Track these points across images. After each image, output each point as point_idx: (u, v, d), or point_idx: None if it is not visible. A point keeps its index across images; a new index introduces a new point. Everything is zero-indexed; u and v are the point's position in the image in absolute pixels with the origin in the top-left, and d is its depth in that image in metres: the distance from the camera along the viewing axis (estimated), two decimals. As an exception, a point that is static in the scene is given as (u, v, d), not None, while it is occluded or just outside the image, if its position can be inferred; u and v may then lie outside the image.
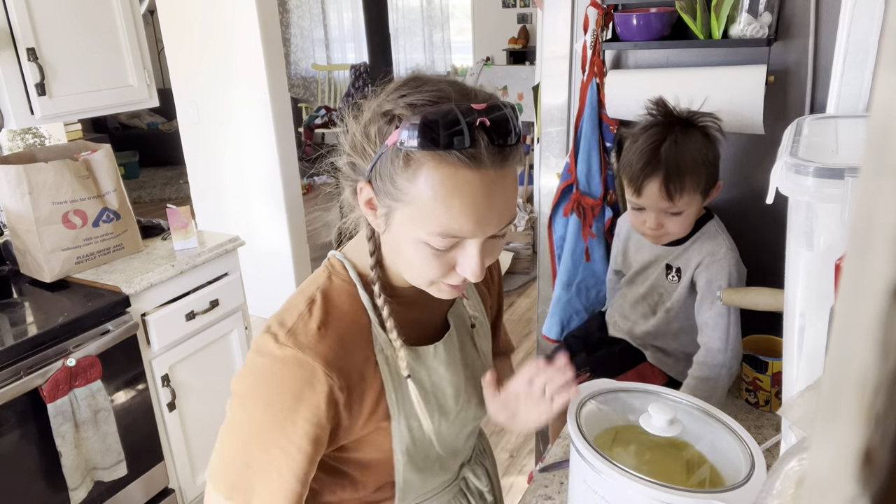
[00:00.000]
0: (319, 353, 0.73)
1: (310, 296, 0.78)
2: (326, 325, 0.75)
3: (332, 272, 0.81)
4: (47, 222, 1.85)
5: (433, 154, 0.65)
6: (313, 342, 0.73)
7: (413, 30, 7.60)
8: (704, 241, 1.25)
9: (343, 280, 0.81)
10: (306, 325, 0.75)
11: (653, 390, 0.90)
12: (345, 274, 0.81)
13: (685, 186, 1.15)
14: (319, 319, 0.75)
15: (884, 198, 0.12)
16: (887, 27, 0.13)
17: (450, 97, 0.68)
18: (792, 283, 0.82)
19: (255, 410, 0.75)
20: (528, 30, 6.81)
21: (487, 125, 0.65)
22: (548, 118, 1.65)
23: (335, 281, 0.80)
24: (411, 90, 0.69)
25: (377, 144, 0.69)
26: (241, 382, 0.76)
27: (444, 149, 0.64)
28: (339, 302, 0.78)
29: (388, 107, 0.69)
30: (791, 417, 0.55)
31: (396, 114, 0.68)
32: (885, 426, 0.12)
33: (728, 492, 0.71)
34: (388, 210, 0.71)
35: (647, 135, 1.18)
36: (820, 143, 0.82)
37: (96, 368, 1.71)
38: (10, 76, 1.84)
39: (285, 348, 0.73)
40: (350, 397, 0.76)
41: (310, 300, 0.77)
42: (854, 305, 0.13)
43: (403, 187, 0.68)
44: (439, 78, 0.72)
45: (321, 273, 0.82)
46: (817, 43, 1.27)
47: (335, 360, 0.74)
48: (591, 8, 1.43)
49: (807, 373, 0.76)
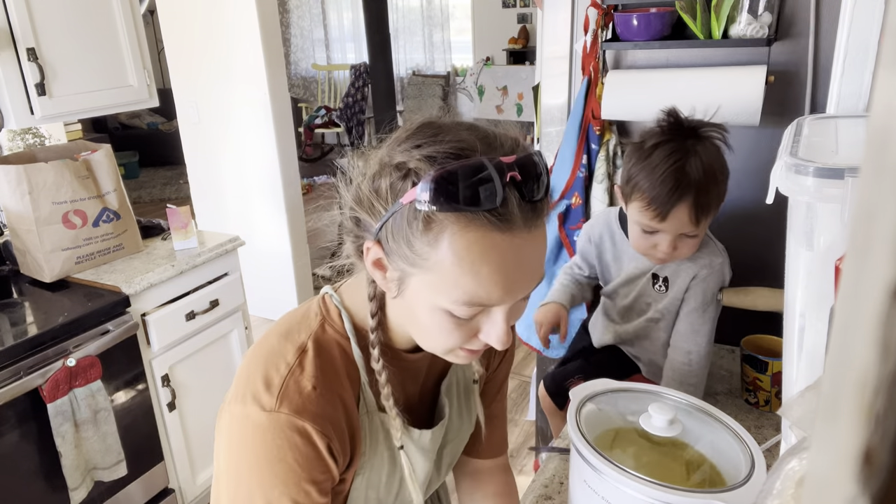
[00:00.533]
0: (316, 416, 0.66)
1: (300, 345, 0.69)
2: (321, 384, 0.67)
3: (327, 319, 0.72)
4: (47, 222, 1.85)
5: (458, 215, 0.57)
6: (308, 405, 0.66)
7: (413, 30, 7.60)
8: (699, 253, 1.19)
9: (337, 331, 0.72)
10: (298, 384, 0.66)
11: (653, 390, 0.90)
12: (340, 325, 0.72)
13: (711, 208, 1.07)
14: (314, 377, 0.67)
15: (884, 198, 0.12)
16: (887, 27, 0.13)
17: (474, 148, 0.59)
18: (792, 283, 0.82)
19: (254, 493, 0.66)
20: (528, 30, 6.81)
21: (518, 180, 0.57)
22: (548, 118, 1.65)
23: (328, 331, 0.71)
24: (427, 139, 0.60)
25: (388, 201, 0.60)
26: (229, 461, 0.68)
27: (470, 209, 0.56)
28: (331, 356, 0.70)
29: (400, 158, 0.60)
30: (791, 417, 0.55)
31: (412, 167, 0.59)
32: (885, 426, 0.12)
33: (728, 492, 0.71)
34: (402, 275, 0.63)
35: (664, 152, 1.06)
36: (820, 143, 0.82)
37: (96, 368, 1.71)
38: (10, 76, 1.84)
39: (278, 415, 0.65)
40: (339, 457, 0.70)
41: (300, 350, 0.68)
42: (854, 305, 0.13)
43: (423, 252, 0.59)
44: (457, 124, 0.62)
45: (313, 317, 0.72)
46: (817, 43, 1.27)
47: (330, 419, 0.67)
48: (592, 8, 1.44)
49: (807, 373, 0.76)
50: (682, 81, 1.35)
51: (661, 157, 1.06)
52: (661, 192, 1.05)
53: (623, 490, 0.72)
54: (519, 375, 3.12)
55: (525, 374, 3.11)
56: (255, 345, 0.72)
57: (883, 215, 0.12)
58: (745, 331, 1.45)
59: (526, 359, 3.25)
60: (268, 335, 0.72)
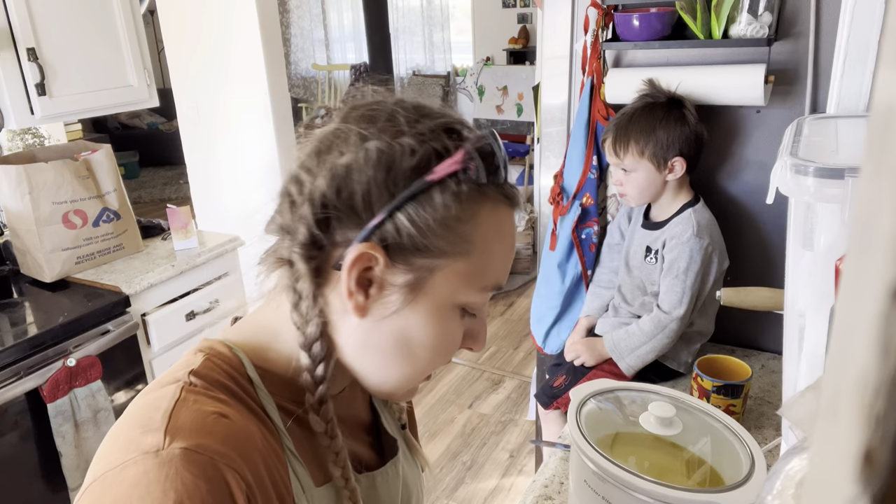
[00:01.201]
0: (231, 454, 0.47)
1: (180, 384, 0.51)
2: (224, 413, 0.50)
3: (213, 358, 0.55)
4: (47, 222, 1.85)
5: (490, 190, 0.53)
6: (218, 433, 0.48)
7: (413, 30, 7.60)
8: (676, 224, 1.35)
9: (234, 368, 0.55)
10: (196, 410, 0.49)
11: (653, 390, 0.90)
12: (237, 362, 0.55)
13: (629, 147, 1.33)
14: (215, 401, 0.50)
15: (884, 198, 0.12)
16: (887, 27, 0.13)
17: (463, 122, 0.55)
18: (792, 283, 0.82)
19: None
20: (528, 30, 6.81)
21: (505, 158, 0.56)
22: (548, 118, 1.65)
23: (221, 366, 0.54)
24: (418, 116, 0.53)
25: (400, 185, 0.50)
26: None
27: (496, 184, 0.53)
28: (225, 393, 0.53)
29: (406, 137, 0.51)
30: (791, 417, 0.55)
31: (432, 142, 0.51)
32: (886, 426, 0.12)
33: (728, 492, 0.71)
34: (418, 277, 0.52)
35: (627, 106, 1.37)
36: (820, 143, 0.82)
37: (96, 368, 1.71)
38: (10, 76, 1.84)
39: (170, 451, 0.45)
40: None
41: (180, 386, 0.51)
42: (854, 305, 0.13)
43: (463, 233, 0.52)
44: (405, 100, 0.55)
45: (188, 363, 0.54)
46: (817, 43, 1.27)
47: (251, 469, 0.48)
48: (592, 8, 1.44)
49: (807, 373, 0.76)
50: (682, 81, 1.36)
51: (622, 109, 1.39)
52: (605, 129, 1.41)
53: (623, 490, 0.72)
54: (519, 375, 3.12)
55: (525, 375, 3.11)
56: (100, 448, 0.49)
57: (883, 215, 0.12)
58: (745, 331, 1.46)
59: (526, 359, 3.25)
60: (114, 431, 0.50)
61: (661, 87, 1.35)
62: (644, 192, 1.37)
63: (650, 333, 1.32)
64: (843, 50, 1.05)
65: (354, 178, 0.51)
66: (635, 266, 1.44)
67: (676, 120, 1.30)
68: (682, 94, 1.34)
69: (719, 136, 1.41)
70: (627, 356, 1.35)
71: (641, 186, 1.35)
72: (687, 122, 1.31)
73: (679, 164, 1.32)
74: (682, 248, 1.31)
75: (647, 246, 1.41)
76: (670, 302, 1.31)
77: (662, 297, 1.34)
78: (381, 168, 0.50)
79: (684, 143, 1.31)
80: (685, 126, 1.31)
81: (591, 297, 1.57)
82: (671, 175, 1.33)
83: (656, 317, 1.33)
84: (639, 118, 1.33)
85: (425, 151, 0.51)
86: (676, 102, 1.32)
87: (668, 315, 1.31)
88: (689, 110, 1.32)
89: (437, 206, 0.50)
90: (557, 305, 1.62)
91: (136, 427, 0.47)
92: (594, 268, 1.59)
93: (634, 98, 1.38)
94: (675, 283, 1.31)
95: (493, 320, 3.64)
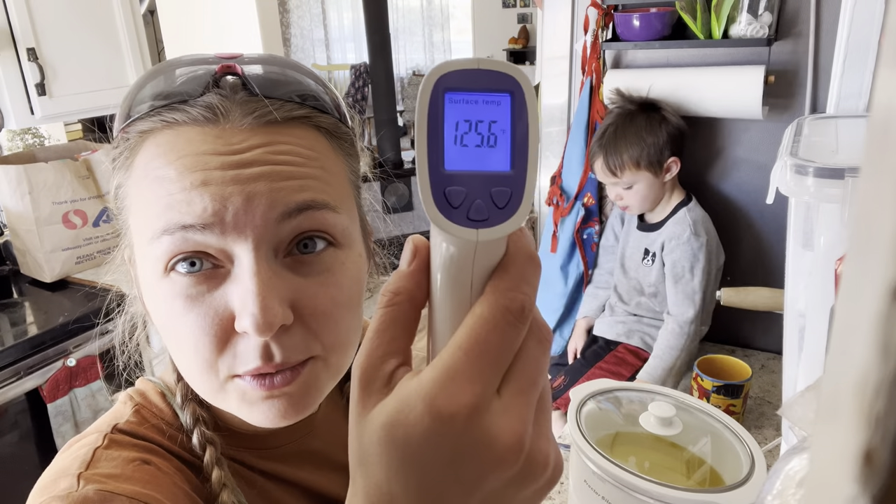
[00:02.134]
0: (147, 488, 0.43)
1: (100, 433, 0.49)
2: (147, 461, 0.46)
3: (143, 405, 0.52)
4: (47, 222, 1.85)
5: (150, 122, 0.43)
6: (131, 476, 0.44)
7: (413, 30, 7.60)
8: (672, 225, 1.35)
9: (163, 420, 0.51)
10: (114, 457, 0.46)
11: (653, 390, 0.90)
12: (167, 412, 0.51)
13: (624, 163, 1.32)
14: (133, 451, 0.47)
15: (884, 198, 0.12)
16: (887, 27, 0.13)
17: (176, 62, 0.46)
18: (792, 283, 0.82)
19: None
20: (528, 30, 6.81)
21: (239, 72, 0.44)
22: (548, 118, 1.65)
23: (147, 418, 0.51)
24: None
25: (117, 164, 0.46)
26: None
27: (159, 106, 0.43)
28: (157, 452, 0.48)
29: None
30: (791, 417, 0.55)
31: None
32: (886, 427, 0.12)
33: (728, 492, 0.71)
34: (130, 253, 0.48)
35: (603, 123, 1.37)
36: (820, 143, 0.82)
37: (96, 368, 1.71)
38: (10, 76, 1.84)
39: (83, 493, 0.42)
40: None
41: (101, 436, 0.48)
42: (854, 305, 0.13)
43: (122, 191, 0.46)
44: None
45: (120, 408, 0.53)
46: (817, 43, 1.27)
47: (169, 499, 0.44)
48: (592, 8, 1.44)
49: (807, 373, 0.76)
50: (682, 81, 1.36)
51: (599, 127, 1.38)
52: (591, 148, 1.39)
53: (623, 490, 0.72)
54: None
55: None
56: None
57: (883, 215, 0.12)
58: (745, 330, 1.46)
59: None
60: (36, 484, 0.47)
61: (631, 95, 1.36)
62: (646, 200, 1.37)
63: (676, 346, 1.32)
64: (843, 50, 1.05)
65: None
66: (631, 268, 1.44)
67: (659, 122, 1.31)
68: (653, 97, 1.35)
69: (719, 137, 1.41)
70: (666, 377, 1.32)
71: (644, 196, 1.35)
72: (669, 122, 1.32)
73: (675, 164, 1.33)
74: (683, 248, 1.31)
75: (644, 248, 1.41)
76: (682, 306, 1.31)
77: (673, 304, 1.33)
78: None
79: (673, 142, 1.32)
80: (669, 125, 1.31)
81: (588, 298, 1.57)
82: (668, 176, 1.34)
83: (674, 329, 1.32)
84: (623, 131, 1.32)
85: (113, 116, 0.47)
86: (650, 106, 1.33)
87: (683, 320, 1.31)
88: (666, 109, 1.33)
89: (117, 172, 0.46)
90: (560, 308, 1.62)
91: (53, 475, 0.45)
92: (594, 267, 1.59)
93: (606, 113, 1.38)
94: (683, 286, 1.31)
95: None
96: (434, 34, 7.57)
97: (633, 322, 1.43)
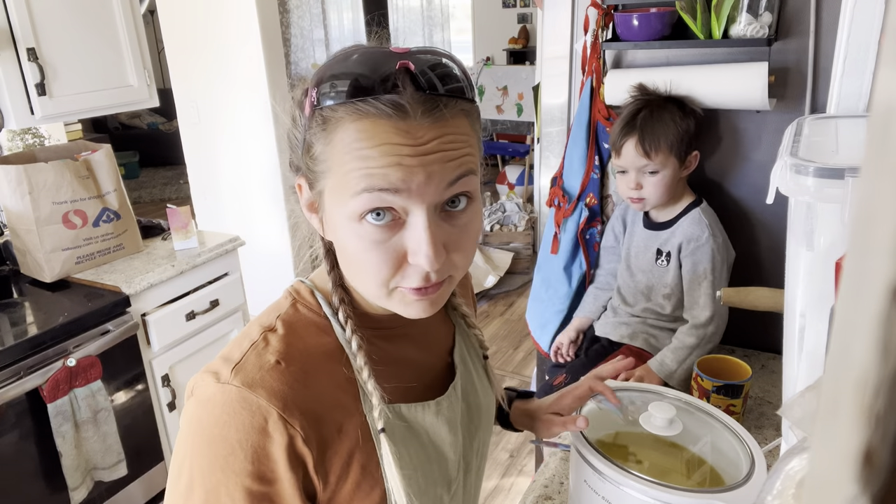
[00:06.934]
0: (276, 393, 0.57)
1: (267, 325, 0.63)
2: (288, 359, 0.60)
3: (298, 299, 0.66)
4: (47, 222, 1.85)
5: (348, 107, 0.55)
6: (268, 378, 0.58)
7: (413, 30, 7.59)
8: (688, 225, 1.34)
9: (312, 311, 0.66)
10: (260, 358, 0.59)
11: (653, 390, 0.90)
12: (314, 304, 0.66)
13: (660, 145, 1.28)
14: (279, 351, 0.60)
15: (884, 198, 0.12)
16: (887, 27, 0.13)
17: (360, 49, 0.59)
18: (792, 283, 0.82)
19: (194, 479, 0.57)
20: (528, 30, 6.81)
21: (413, 70, 0.55)
22: (548, 118, 1.65)
23: (301, 311, 0.65)
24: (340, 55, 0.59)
25: (301, 125, 0.60)
26: (177, 444, 0.60)
27: (357, 97, 0.55)
28: (307, 334, 0.63)
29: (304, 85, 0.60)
30: (791, 417, 0.55)
31: (307, 84, 0.59)
32: (886, 426, 0.12)
33: (728, 492, 0.71)
34: (320, 197, 0.61)
35: (627, 109, 1.34)
36: (820, 143, 0.82)
37: (96, 368, 1.71)
38: (10, 76, 1.84)
39: (228, 388, 0.57)
40: (325, 456, 0.60)
41: (266, 328, 0.63)
42: (854, 305, 0.13)
43: (323, 155, 0.58)
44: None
45: (283, 301, 0.67)
46: (817, 43, 1.27)
47: (299, 403, 0.58)
48: (592, 8, 1.44)
49: (807, 373, 0.76)
50: (682, 81, 1.35)
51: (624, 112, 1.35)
52: (616, 133, 1.33)
53: (623, 490, 0.72)
54: (519, 375, 3.12)
55: (525, 374, 3.11)
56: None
57: (883, 215, 0.12)
58: (745, 330, 1.45)
59: (526, 359, 3.25)
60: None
61: (656, 89, 1.35)
62: (665, 192, 1.33)
63: (694, 346, 1.31)
64: (843, 50, 1.04)
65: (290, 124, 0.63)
66: (640, 269, 1.42)
67: (687, 115, 1.31)
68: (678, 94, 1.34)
69: (719, 137, 1.41)
70: (677, 370, 1.30)
71: (666, 186, 1.32)
72: (694, 115, 1.31)
73: (694, 159, 1.33)
74: (703, 250, 1.31)
75: (656, 248, 1.38)
76: (704, 307, 1.31)
77: (694, 307, 1.32)
78: (294, 112, 0.61)
79: (695, 138, 1.32)
80: (693, 119, 1.31)
81: (588, 298, 1.56)
82: (686, 171, 1.33)
83: (696, 331, 1.31)
84: (659, 114, 1.29)
85: (306, 91, 0.59)
86: (675, 100, 1.33)
87: (706, 320, 1.30)
88: (692, 106, 1.32)
89: (312, 141, 0.59)
90: (564, 309, 1.62)
91: (225, 353, 0.61)
92: (597, 267, 1.59)
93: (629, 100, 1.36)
94: (704, 288, 1.31)
95: (493, 320, 3.64)
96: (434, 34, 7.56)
97: (637, 324, 1.42)
